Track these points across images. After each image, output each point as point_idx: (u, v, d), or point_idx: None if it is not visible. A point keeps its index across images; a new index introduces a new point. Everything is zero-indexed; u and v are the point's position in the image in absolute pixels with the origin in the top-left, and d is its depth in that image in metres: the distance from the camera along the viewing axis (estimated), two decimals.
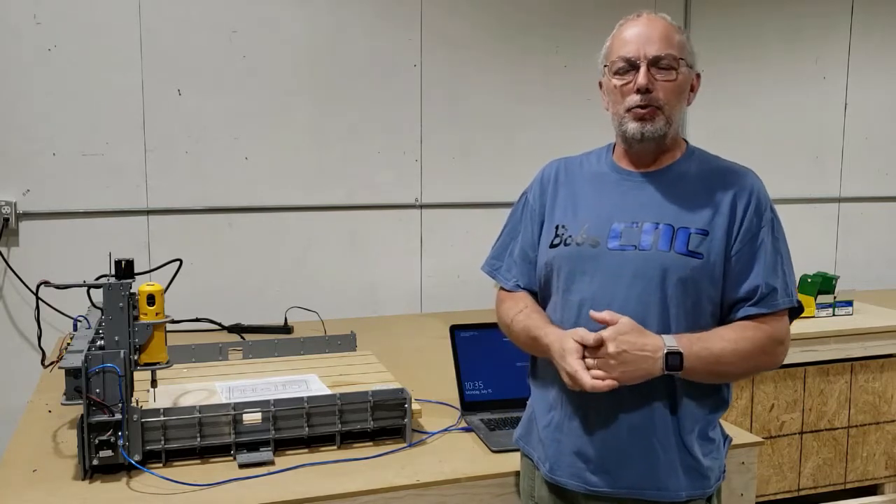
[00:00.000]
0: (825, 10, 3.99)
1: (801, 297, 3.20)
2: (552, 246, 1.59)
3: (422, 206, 3.47)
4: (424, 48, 3.40)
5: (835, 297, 3.27)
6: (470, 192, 3.52)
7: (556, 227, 1.60)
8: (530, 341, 1.60)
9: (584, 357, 1.44)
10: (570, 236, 1.56)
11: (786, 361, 3.00)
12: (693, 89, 1.59)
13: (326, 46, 3.27)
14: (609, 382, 1.41)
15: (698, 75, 1.60)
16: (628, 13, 1.59)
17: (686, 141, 1.63)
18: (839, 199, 4.13)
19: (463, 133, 3.49)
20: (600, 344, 1.42)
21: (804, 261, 3.79)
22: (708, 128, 3.83)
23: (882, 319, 3.25)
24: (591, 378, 1.42)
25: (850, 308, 3.29)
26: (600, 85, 1.62)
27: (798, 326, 3.09)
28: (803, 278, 3.34)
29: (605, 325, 1.44)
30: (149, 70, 3.06)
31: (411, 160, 3.44)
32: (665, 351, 1.41)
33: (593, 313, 1.45)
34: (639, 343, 1.41)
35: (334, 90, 3.29)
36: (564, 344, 1.46)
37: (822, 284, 3.27)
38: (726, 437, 1.61)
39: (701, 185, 1.54)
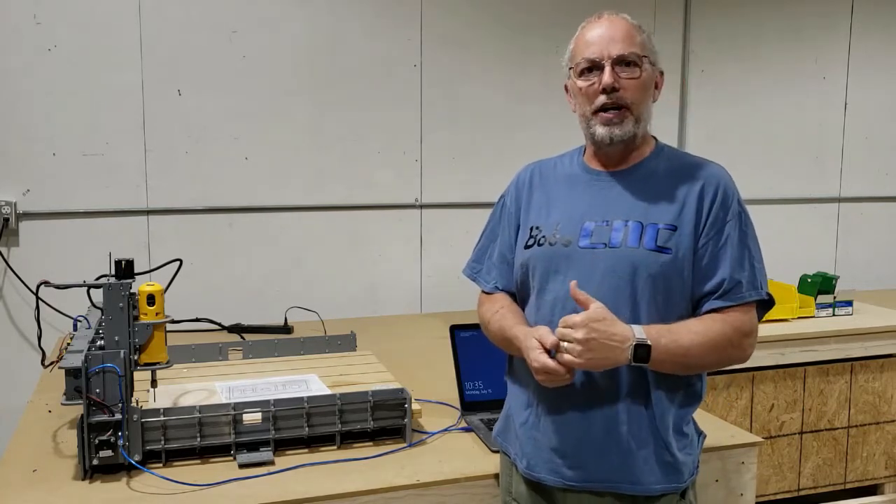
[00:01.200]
0: (825, 10, 3.99)
1: (800, 296, 3.23)
2: (527, 247, 1.61)
3: (422, 206, 3.47)
4: (424, 48, 3.40)
5: (835, 297, 3.27)
6: (470, 192, 3.52)
7: (531, 229, 1.62)
8: (505, 342, 1.63)
9: (547, 352, 1.47)
10: (543, 237, 1.59)
11: (786, 361, 3.04)
12: (657, 87, 1.60)
13: (326, 46, 3.27)
14: (572, 360, 1.42)
15: (661, 73, 1.61)
16: (628, 13, 1.59)
17: (655, 138, 1.64)
18: (839, 199, 4.13)
19: (463, 133, 3.49)
20: (555, 348, 1.45)
21: (804, 261, 3.81)
22: (708, 127, 3.83)
23: (882, 319, 3.25)
24: (559, 365, 1.43)
25: (850, 308, 3.29)
26: (566, 88, 1.64)
27: (798, 326, 3.10)
28: (803, 278, 3.34)
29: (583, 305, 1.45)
30: (149, 70, 3.06)
31: (411, 160, 3.44)
32: (634, 342, 1.41)
33: (573, 289, 1.45)
34: (608, 332, 1.41)
35: (334, 90, 3.30)
36: (528, 342, 1.49)
37: (822, 284, 3.27)
38: (700, 434, 1.62)
39: (669, 181, 1.55)
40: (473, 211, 3.51)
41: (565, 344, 1.42)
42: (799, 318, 3.20)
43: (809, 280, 3.30)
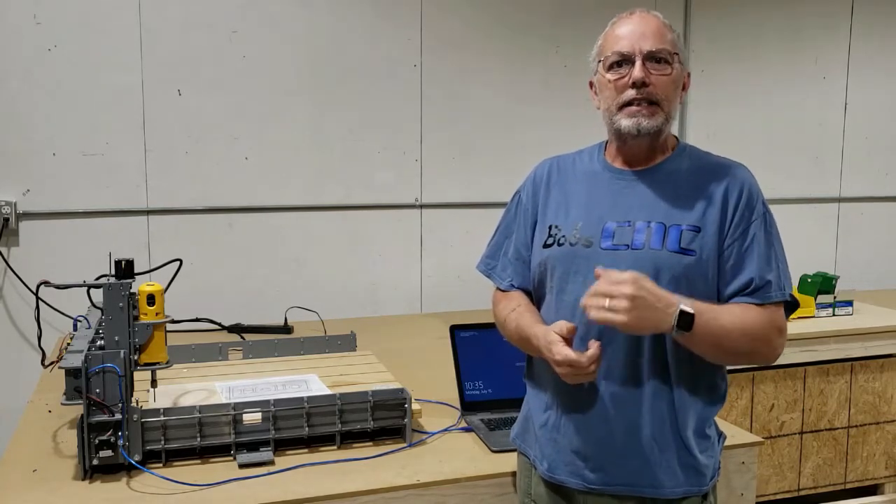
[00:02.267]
0: (825, 10, 3.99)
1: (800, 297, 3.23)
2: (545, 246, 1.59)
3: (422, 206, 3.47)
4: (424, 48, 3.40)
5: (835, 297, 3.27)
6: (470, 192, 3.52)
7: (550, 227, 1.60)
8: (522, 341, 1.60)
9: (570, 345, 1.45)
10: (563, 236, 1.56)
11: (786, 361, 3.04)
12: (684, 87, 1.58)
13: (326, 46, 3.27)
14: (614, 318, 1.37)
15: (688, 74, 1.60)
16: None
17: (677, 138, 1.63)
18: (839, 199, 4.13)
19: (463, 133, 3.49)
20: (573, 334, 1.43)
21: (804, 261, 3.81)
22: (708, 128, 3.83)
23: (882, 319, 3.25)
24: (582, 355, 1.42)
25: (850, 308, 3.29)
26: (591, 85, 1.62)
27: (798, 326, 3.10)
28: (803, 278, 3.34)
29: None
30: (149, 70, 3.06)
31: (411, 160, 3.44)
32: (679, 308, 1.38)
33: (599, 270, 1.40)
34: (657, 293, 1.37)
35: (334, 90, 3.30)
36: (548, 336, 1.47)
37: (822, 284, 3.27)
38: (720, 435, 1.61)
39: (692, 182, 1.54)
40: (473, 211, 3.51)
41: (609, 302, 1.35)
42: (799, 318, 3.20)
43: (809, 280, 3.30)
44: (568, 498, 1.57)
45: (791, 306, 1.54)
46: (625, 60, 1.51)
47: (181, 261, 2.03)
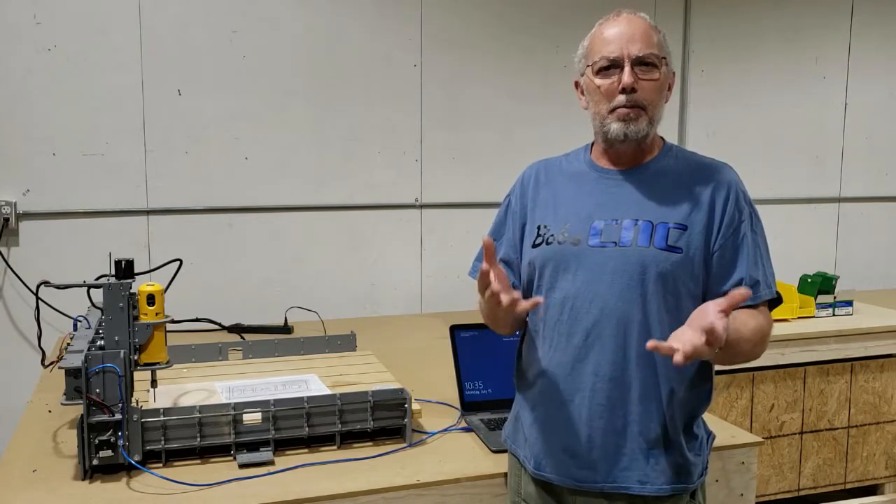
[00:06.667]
0: (825, 10, 3.99)
1: (800, 296, 3.23)
2: (535, 245, 1.60)
3: (422, 206, 3.47)
4: (424, 48, 3.40)
5: (835, 297, 3.27)
6: (470, 192, 3.52)
7: (539, 227, 1.61)
8: (483, 309, 1.61)
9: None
10: (551, 235, 1.58)
11: (786, 361, 3.04)
12: (669, 87, 1.59)
13: (326, 46, 3.27)
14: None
15: (673, 74, 1.61)
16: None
17: (663, 138, 1.64)
18: (839, 199, 4.13)
19: (463, 133, 3.49)
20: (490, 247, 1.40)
21: (804, 261, 3.81)
22: (708, 128, 3.83)
23: (882, 319, 3.25)
24: (499, 287, 1.40)
25: (850, 308, 3.29)
26: (576, 85, 1.63)
27: (798, 326, 3.10)
28: (803, 278, 3.34)
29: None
30: (149, 70, 3.06)
31: (411, 160, 3.44)
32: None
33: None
34: None
35: (334, 90, 3.30)
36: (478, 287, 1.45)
37: (822, 284, 3.27)
38: (709, 434, 1.61)
39: (679, 181, 1.55)
40: (473, 211, 3.52)
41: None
42: (799, 318, 3.20)
43: (809, 280, 3.30)
44: (558, 497, 1.57)
45: (775, 302, 1.55)
46: (613, 65, 1.52)
47: (181, 261, 2.03)
